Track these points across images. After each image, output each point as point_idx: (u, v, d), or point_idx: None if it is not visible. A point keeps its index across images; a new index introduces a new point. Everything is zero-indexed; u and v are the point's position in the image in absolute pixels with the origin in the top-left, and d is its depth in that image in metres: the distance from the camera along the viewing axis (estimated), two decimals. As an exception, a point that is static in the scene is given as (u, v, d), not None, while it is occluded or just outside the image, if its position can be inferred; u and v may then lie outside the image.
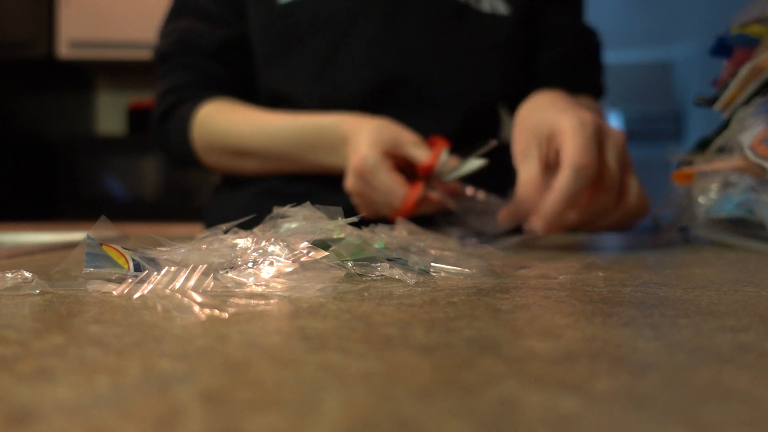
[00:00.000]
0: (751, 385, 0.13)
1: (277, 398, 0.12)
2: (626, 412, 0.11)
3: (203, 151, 0.74)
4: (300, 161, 0.68)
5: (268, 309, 0.22)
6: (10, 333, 0.18)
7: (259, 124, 0.69)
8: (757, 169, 0.47)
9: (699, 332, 0.18)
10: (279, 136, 0.68)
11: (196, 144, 0.73)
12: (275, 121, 0.68)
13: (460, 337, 0.17)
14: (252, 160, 0.71)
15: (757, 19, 0.53)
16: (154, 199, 1.93)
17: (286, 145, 0.67)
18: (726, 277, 0.31)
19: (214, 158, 0.74)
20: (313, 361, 0.15)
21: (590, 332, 0.18)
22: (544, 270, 0.34)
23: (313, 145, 0.65)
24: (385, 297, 0.24)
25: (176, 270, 0.26)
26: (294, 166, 0.69)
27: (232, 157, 0.72)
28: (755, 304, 0.23)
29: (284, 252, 0.28)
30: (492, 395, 0.12)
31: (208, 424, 0.11)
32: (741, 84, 0.52)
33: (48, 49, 1.88)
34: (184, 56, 0.75)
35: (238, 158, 0.72)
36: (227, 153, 0.72)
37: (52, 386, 0.13)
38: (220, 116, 0.72)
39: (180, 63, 0.76)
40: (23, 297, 0.24)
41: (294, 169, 0.70)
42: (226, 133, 0.71)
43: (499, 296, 0.25)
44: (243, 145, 0.70)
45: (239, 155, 0.72)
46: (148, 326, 0.19)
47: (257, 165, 0.72)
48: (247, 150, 0.70)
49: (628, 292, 0.26)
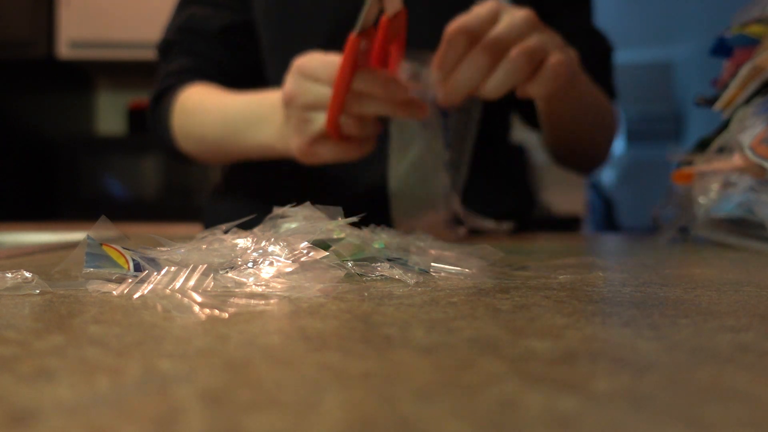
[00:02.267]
0: (751, 385, 0.13)
1: (277, 398, 0.12)
2: (626, 412, 0.11)
3: (180, 138, 0.71)
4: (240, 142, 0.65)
5: (268, 309, 0.22)
6: (10, 333, 0.18)
7: (213, 107, 0.67)
8: (757, 169, 0.47)
9: (699, 332, 0.18)
10: (222, 117, 0.65)
11: (175, 131, 0.71)
12: (223, 100, 0.66)
13: (460, 337, 0.17)
14: (218, 152, 0.69)
15: (757, 19, 0.53)
16: (154, 199, 1.93)
17: (228, 123, 0.65)
18: (726, 277, 0.31)
19: (190, 146, 0.71)
20: (313, 361, 0.15)
21: (590, 332, 0.18)
22: (544, 270, 0.34)
23: (252, 120, 0.63)
24: (385, 297, 0.24)
25: (176, 270, 0.26)
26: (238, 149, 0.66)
27: (199, 145, 0.70)
28: (755, 304, 0.23)
29: (284, 252, 0.28)
30: (492, 395, 0.12)
31: (208, 424, 0.11)
32: (741, 84, 0.52)
33: (48, 49, 1.88)
34: (186, 42, 0.74)
35: (202, 145, 0.70)
36: (195, 140, 0.70)
37: (52, 386, 0.13)
38: (192, 101, 0.69)
39: (182, 49, 0.74)
40: (23, 297, 0.24)
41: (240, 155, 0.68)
42: (192, 118, 0.69)
43: (499, 296, 0.25)
44: (201, 131, 0.68)
45: (201, 142, 0.69)
46: (148, 326, 0.19)
47: (215, 151, 0.69)
48: (203, 137, 0.68)
49: (628, 292, 0.26)
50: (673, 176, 0.59)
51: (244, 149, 0.65)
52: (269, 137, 0.60)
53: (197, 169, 1.85)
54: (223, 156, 0.70)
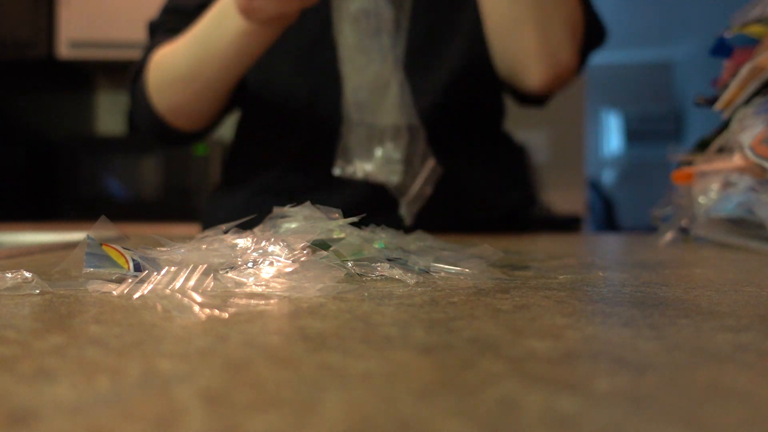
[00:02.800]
0: (751, 385, 0.13)
1: (277, 398, 0.12)
2: (626, 412, 0.11)
3: (157, 94, 0.71)
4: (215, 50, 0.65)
5: (268, 309, 0.22)
6: (10, 333, 0.18)
7: (181, 41, 0.68)
8: (757, 169, 0.47)
9: (699, 332, 0.18)
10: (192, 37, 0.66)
11: (152, 91, 0.71)
12: (187, 32, 0.67)
13: (460, 337, 0.17)
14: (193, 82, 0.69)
15: (757, 19, 0.53)
16: (154, 199, 1.93)
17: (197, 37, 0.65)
18: (726, 277, 0.31)
19: (167, 98, 0.71)
20: (313, 361, 0.15)
21: (590, 332, 0.18)
22: (544, 270, 0.34)
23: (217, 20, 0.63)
24: (385, 297, 0.24)
25: (176, 270, 0.26)
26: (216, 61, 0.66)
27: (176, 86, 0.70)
28: (755, 304, 0.23)
29: (284, 252, 0.28)
30: (492, 395, 0.12)
31: (208, 424, 0.11)
32: (741, 84, 0.52)
33: (48, 49, 1.88)
34: (169, 22, 0.75)
35: (179, 85, 0.69)
36: (170, 83, 0.70)
37: (52, 386, 0.13)
38: (162, 53, 0.70)
39: (165, 28, 0.75)
40: (23, 297, 0.24)
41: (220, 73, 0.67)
42: (165, 64, 0.69)
43: (499, 296, 0.25)
44: (175, 67, 0.68)
45: (177, 81, 0.69)
46: (148, 326, 0.19)
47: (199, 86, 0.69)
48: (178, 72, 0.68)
49: (628, 292, 0.26)
50: (673, 176, 0.59)
51: (221, 56, 0.65)
52: (236, 23, 0.61)
53: (197, 169, 1.85)
54: (201, 86, 0.69)
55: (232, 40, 0.63)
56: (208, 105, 0.71)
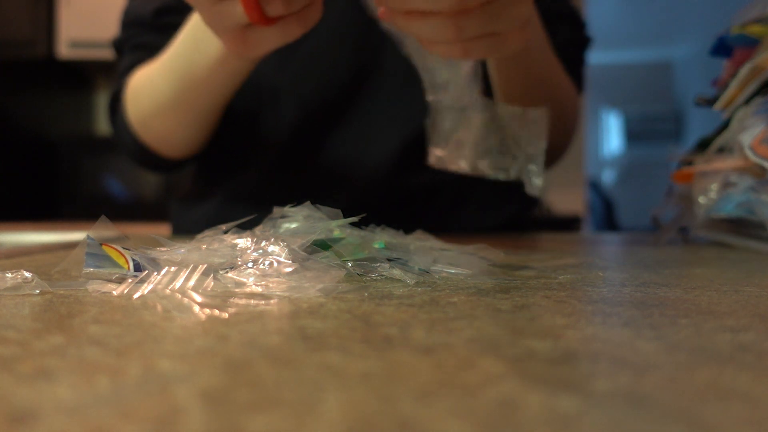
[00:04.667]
0: (751, 385, 0.13)
1: (277, 398, 0.12)
2: (626, 412, 0.11)
3: (138, 124, 0.65)
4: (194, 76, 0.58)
5: (268, 309, 0.22)
6: (10, 333, 0.18)
7: (157, 66, 0.61)
8: (757, 169, 0.47)
9: (699, 332, 0.18)
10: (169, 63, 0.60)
11: (132, 121, 0.65)
12: (163, 55, 0.61)
13: (460, 337, 0.17)
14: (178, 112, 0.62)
15: (757, 19, 0.53)
16: (154, 199, 1.93)
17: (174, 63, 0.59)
18: (726, 277, 0.31)
19: (149, 127, 0.65)
20: (313, 361, 0.15)
21: (590, 332, 0.18)
22: (544, 270, 0.34)
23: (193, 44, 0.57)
24: (385, 297, 0.24)
25: (176, 270, 0.26)
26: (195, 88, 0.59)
27: (157, 116, 0.63)
28: (755, 304, 0.23)
29: (284, 252, 0.28)
30: (492, 395, 0.12)
31: (208, 424, 0.11)
32: (741, 84, 0.52)
33: (48, 49, 1.88)
34: (131, 38, 0.70)
35: (160, 115, 0.63)
36: (151, 113, 0.63)
37: (52, 386, 0.13)
38: (137, 80, 0.65)
39: (129, 45, 0.70)
40: (23, 297, 0.24)
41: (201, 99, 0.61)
42: (142, 92, 0.63)
43: (499, 296, 0.25)
44: (153, 97, 0.62)
45: (158, 111, 0.63)
46: (148, 326, 0.19)
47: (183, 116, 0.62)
48: (158, 101, 0.62)
49: (628, 292, 0.26)
50: (673, 176, 0.58)
51: (205, 81, 0.58)
52: (216, 48, 0.54)
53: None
54: (184, 113, 0.62)
55: (214, 65, 0.56)
56: (199, 132, 0.65)
